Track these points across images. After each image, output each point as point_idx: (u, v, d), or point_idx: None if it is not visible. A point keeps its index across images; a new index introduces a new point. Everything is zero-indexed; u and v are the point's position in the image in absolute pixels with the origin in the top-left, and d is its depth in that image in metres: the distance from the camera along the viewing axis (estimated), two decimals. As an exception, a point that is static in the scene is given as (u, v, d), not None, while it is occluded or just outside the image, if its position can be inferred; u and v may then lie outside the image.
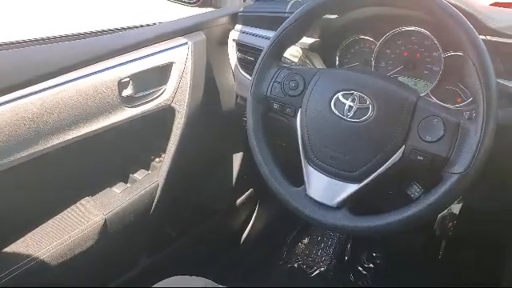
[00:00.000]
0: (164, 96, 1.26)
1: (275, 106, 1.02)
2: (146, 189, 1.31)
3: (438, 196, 0.83)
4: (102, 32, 1.31)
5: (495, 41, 0.98)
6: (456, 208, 1.19)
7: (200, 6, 1.55)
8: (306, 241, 2.00)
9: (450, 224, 1.20)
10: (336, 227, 0.92)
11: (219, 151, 1.64)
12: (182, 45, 1.28)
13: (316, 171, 0.96)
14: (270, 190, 1.00)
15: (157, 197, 1.35)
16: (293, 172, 1.00)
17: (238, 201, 1.80)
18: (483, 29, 0.98)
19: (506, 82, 0.98)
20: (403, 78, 1.17)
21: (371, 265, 1.89)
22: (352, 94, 0.92)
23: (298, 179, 0.99)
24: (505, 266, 1.31)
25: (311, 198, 0.95)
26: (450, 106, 1.09)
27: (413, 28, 1.13)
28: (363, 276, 1.85)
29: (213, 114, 1.47)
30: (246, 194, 1.83)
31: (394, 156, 0.88)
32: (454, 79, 1.09)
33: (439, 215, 1.22)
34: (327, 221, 0.92)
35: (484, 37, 0.97)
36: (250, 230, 1.92)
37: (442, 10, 0.86)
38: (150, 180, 1.34)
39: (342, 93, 0.93)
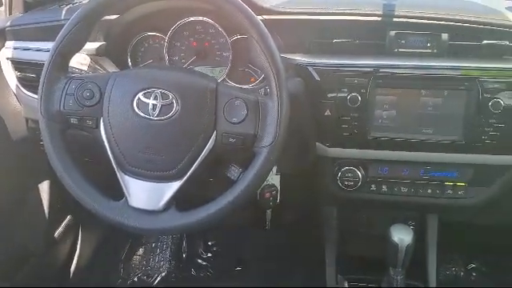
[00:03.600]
0: None
1: (73, 120, 0.93)
2: None
3: (255, 171, 0.88)
4: None
5: (271, 19, 1.07)
6: (276, 179, 1.27)
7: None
8: (141, 252, 1.93)
9: (268, 194, 1.28)
10: (167, 230, 0.90)
11: (21, 186, 1.45)
12: None
13: (134, 179, 0.91)
14: (89, 210, 0.92)
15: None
16: (112, 186, 0.94)
17: (57, 233, 1.63)
18: (259, 9, 1.05)
19: (288, 56, 1.08)
20: (199, 67, 1.20)
21: (209, 254, 1.93)
22: (153, 91, 0.90)
23: (119, 192, 0.93)
24: (324, 225, 1.46)
25: (135, 208, 0.90)
26: (247, 87, 1.15)
27: (196, 18, 1.16)
28: (204, 267, 1.88)
29: (2, 146, 1.28)
30: (65, 222, 1.67)
31: (208, 144, 0.89)
32: (245, 61, 1.16)
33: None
34: (157, 226, 0.89)
35: (261, 17, 1.05)
36: (78, 260, 1.76)
37: None
38: None
39: (142, 92, 0.90)
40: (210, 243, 1.95)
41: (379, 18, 1.09)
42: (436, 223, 1.37)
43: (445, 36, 1.06)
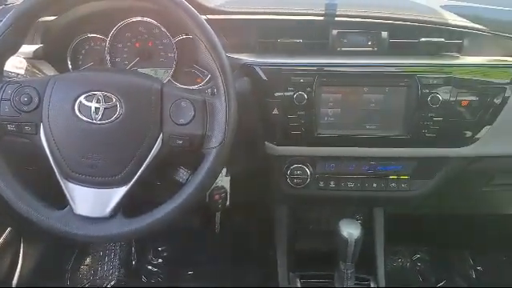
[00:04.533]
0: None
1: (10, 127, 0.89)
2: None
3: (204, 173, 0.87)
4: None
5: (216, 18, 1.06)
6: (226, 181, 1.26)
7: None
8: (88, 261, 1.87)
9: (217, 197, 1.28)
10: (115, 237, 0.88)
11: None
12: None
13: (78, 186, 0.88)
14: (31, 221, 0.88)
15: None
16: (54, 194, 0.90)
17: (-5, 248, 1.54)
18: (203, 9, 1.04)
19: (234, 55, 1.07)
20: (143, 69, 1.17)
21: (159, 260, 1.90)
22: (95, 94, 0.87)
23: (62, 201, 0.90)
24: (275, 224, 1.47)
25: (80, 216, 0.88)
26: (194, 87, 1.14)
27: (138, 19, 1.13)
28: (154, 273, 1.85)
29: None
30: (4, 235, 1.58)
31: (155, 147, 0.87)
32: (190, 61, 1.14)
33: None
34: (104, 233, 0.87)
35: (205, 16, 1.04)
36: (20, 273, 1.67)
37: None
38: None
39: (83, 96, 0.87)
40: (159, 249, 1.92)
41: (321, 18, 1.11)
42: (382, 216, 1.41)
43: (385, 34, 1.10)
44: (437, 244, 1.95)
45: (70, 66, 1.19)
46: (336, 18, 1.11)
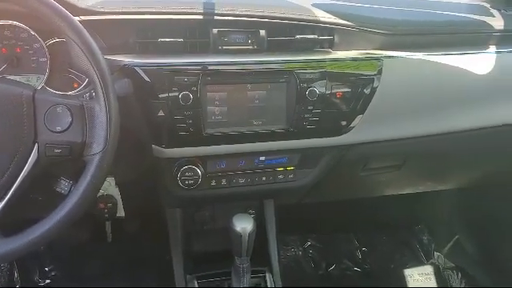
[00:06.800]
0: None
1: None
2: None
3: (87, 182, 0.83)
4: None
5: (90, 19, 1.01)
6: (115, 191, 1.22)
7: None
8: (-39, 292, 1.68)
9: (102, 205, 1.23)
10: None
11: None
12: None
13: None
14: None
15: None
16: None
17: None
18: (75, 10, 0.98)
19: (113, 57, 1.03)
20: (13, 77, 1.08)
21: (47, 280, 1.79)
22: None
23: None
24: (169, 228, 1.45)
25: None
26: (70, 93, 1.08)
27: (3, 22, 1.04)
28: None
29: None
30: None
31: (30, 158, 0.82)
32: (65, 66, 1.08)
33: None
34: None
35: (78, 18, 0.99)
36: None
37: None
38: None
39: None
40: (46, 268, 1.80)
41: (201, 17, 1.11)
42: (272, 208, 1.46)
43: (263, 32, 1.13)
44: (325, 230, 2.07)
45: None
46: (215, 17, 1.11)
